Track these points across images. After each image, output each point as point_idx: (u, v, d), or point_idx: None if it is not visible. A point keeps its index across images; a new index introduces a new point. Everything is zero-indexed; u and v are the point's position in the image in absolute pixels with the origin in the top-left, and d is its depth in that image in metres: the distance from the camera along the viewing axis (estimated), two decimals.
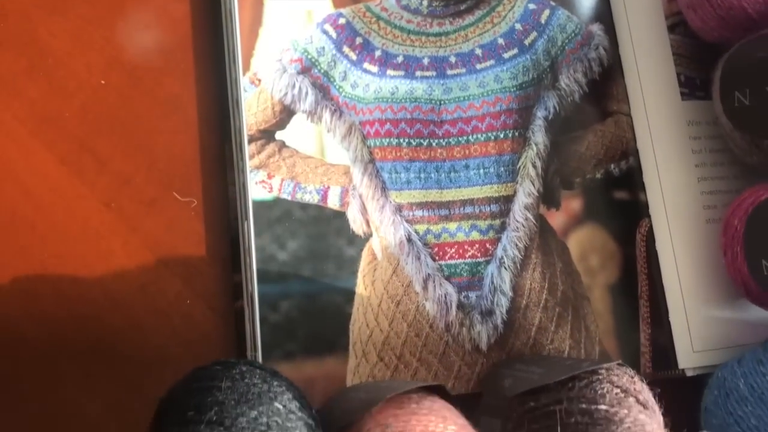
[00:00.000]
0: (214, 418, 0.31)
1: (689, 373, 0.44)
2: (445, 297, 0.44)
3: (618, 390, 0.34)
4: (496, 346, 0.43)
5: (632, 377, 0.35)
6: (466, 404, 0.36)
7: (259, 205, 0.43)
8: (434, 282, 0.44)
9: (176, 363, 0.42)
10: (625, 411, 0.33)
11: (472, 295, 0.44)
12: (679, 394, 0.40)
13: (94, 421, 0.40)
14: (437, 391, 0.36)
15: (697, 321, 0.44)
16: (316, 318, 0.42)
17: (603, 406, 0.33)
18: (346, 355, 0.42)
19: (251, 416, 0.31)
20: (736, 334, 0.44)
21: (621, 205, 0.46)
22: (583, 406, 0.33)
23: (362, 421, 0.34)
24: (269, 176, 0.43)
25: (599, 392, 0.34)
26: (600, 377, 0.34)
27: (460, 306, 0.44)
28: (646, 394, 0.35)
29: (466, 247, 0.44)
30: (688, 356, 0.44)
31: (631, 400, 0.34)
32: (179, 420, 0.31)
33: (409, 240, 0.44)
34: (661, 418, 0.34)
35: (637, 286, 0.45)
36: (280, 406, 0.33)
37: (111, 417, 0.41)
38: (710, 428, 0.40)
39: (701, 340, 0.44)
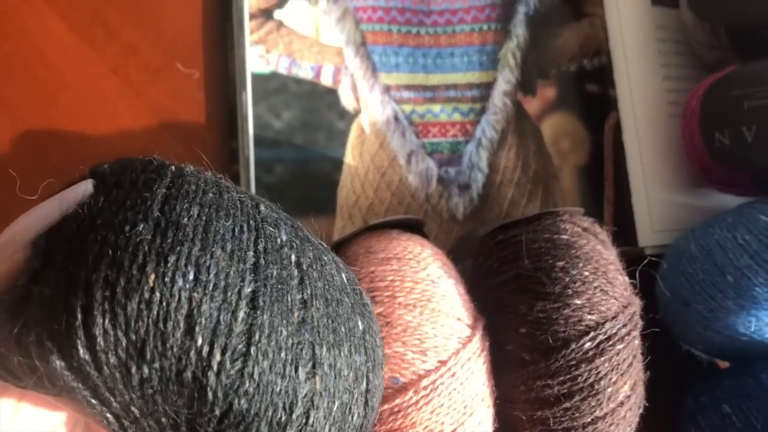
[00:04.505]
0: None
1: (648, 252, 0.48)
2: (427, 171, 0.47)
3: (579, 228, 0.38)
4: (471, 217, 0.47)
5: (593, 222, 0.39)
6: None
7: (257, 77, 0.46)
8: (417, 157, 0.47)
9: None
10: (585, 241, 0.36)
11: (452, 170, 0.47)
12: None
13: None
14: (415, 231, 0.39)
15: (657, 204, 0.48)
16: (307, 182, 0.46)
17: (564, 236, 0.36)
18: (334, 216, 0.46)
19: None
20: (692, 218, 0.48)
21: (592, 98, 0.50)
22: (547, 236, 0.36)
23: (347, 246, 0.37)
24: (267, 51, 0.46)
25: (562, 227, 0.37)
26: (563, 218, 0.38)
27: (440, 179, 0.47)
28: (604, 236, 0.39)
29: (448, 127, 0.48)
30: (648, 235, 0.48)
31: (591, 236, 0.37)
32: None
33: (396, 118, 0.47)
34: (616, 259, 0.38)
35: (603, 170, 0.49)
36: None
37: None
38: (663, 293, 0.43)
39: (660, 221, 0.48)
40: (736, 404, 0.39)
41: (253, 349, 0.22)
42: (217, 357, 0.21)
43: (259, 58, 0.46)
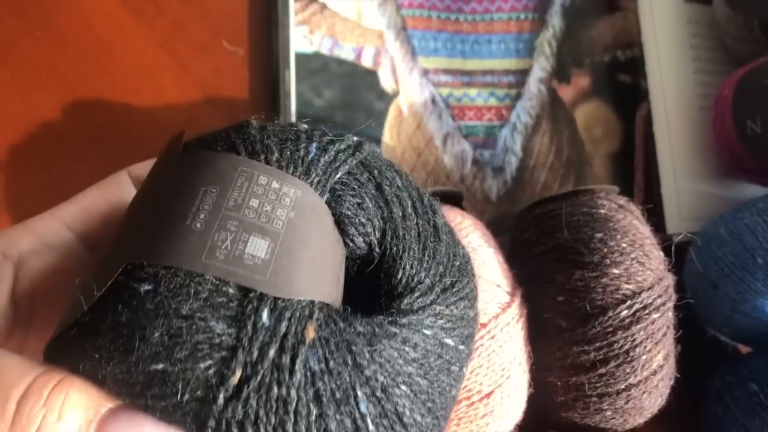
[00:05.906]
0: None
1: (675, 239, 0.48)
2: (462, 153, 0.48)
3: (616, 205, 0.39)
4: (505, 199, 0.48)
5: (629, 200, 0.40)
6: None
7: (300, 56, 0.47)
8: (453, 139, 0.48)
9: None
10: (622, 216, 0.38)
11: (486, 153, 0.48)
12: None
13: None
14: (454, 203, 0.41)
15: (685, 193, 0.49)
16: None
17: (602, 211, 0.37)
18: None
19: None
20: (719, 207, 0.49)
21: (624, 87, 0.51)
22: (585, 210, 0.38)
23: None
24: (310, 32, 0.48)
25: (599, 203, 0.38)
26: (600, 195, 0.39)
27: (475, 162, 0.48)
28: (639, 214, 0.40)
29: (483, 111, 0.49)
30: (676, 222, 0.48)
31: (627, 213, 0.38)
32: None
33: (433, 101, 0.49)
34: (651, 234, 0.39)
35: (634, 158, 0.50)
36: None
37: None
38: (692, 276, 0.44)
39: (688, 209, 0.49)
40: (764, 383, 0.40)
41: None
42: None
43: (302, 38, 0.48)
